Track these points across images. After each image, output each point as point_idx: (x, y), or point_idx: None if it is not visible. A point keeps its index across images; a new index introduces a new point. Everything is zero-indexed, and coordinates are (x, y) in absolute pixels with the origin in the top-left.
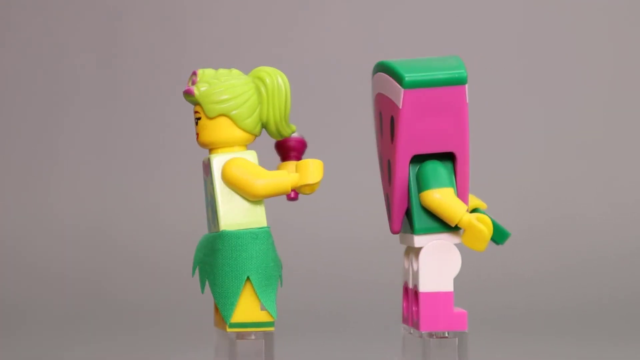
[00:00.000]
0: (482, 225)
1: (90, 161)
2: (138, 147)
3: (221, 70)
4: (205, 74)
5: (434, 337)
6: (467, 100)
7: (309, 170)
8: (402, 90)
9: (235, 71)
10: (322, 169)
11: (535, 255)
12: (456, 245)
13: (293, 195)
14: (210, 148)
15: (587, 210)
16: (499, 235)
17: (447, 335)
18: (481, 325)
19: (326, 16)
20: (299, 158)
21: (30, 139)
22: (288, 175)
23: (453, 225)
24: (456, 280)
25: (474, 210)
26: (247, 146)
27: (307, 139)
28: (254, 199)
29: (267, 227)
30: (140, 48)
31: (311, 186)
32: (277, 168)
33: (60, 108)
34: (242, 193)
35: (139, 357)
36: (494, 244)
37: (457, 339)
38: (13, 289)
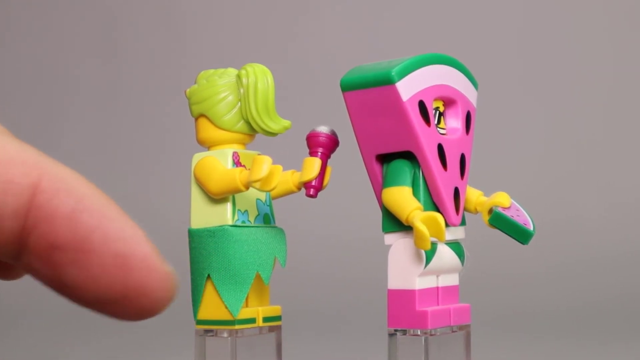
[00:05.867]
0: (421, 225)
1: (90, 160)
2: (138, 146)
3: (217, 71)
4: (201, 75)
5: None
6: (406, 99)
7: (254, 167)
8: (342, 93)
9: (229, 70)
10: (268, 165)
11: (535, 255)
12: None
13: (312, 192)
14: (206, 146)
15: (587, 211)
16: (520, 235)
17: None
18: (481, 324)
19: (329, 15)
20: (326, 155)
21: (30, 138)
22: (240, 173)
23: (405, 224)
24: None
25: (489, 211)
26: (247, 144)
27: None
28: (213, 196)
29: (228, 225)
30: (140, 49)
31: (260, 183)
32: (303, 163)
33: (60, 108)
34: (205, 191)
35: (139, 357)
36: (496, 243)
37: (463, 331)
38: (13, 289)
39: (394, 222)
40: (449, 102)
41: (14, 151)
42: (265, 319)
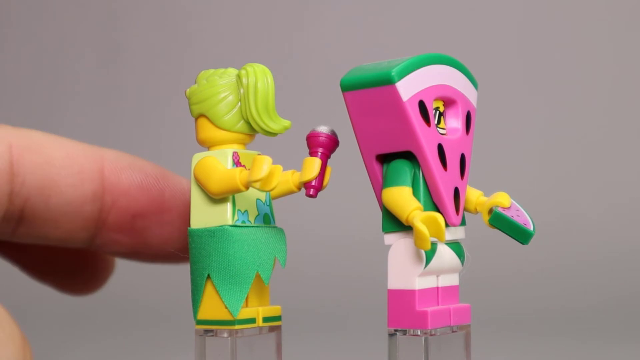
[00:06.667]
0: (421, 225)
1: None
2: (138, 146)
3: (217, 70)
4: (201, 75)
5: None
6: (406, 99)
7: (254, 167)
8: (342, 93)
9: (230, 70)
10: (268, 165)
11: (535, 255)
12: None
13: (312, 192)
14: (206, 146)
15: (587, 211)
16: (520, 235)
17: (418, 333)
18: (481, 324)
19: (330, 15)
20: (326, 155)
21: None
22: (240, 173)
23: (405, 224)
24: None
25: (490, 210)
26: (247, 144)
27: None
28: (213, 196)
29: (228, 225)
30: (140, 49)
31: (260, 183)
32: (303, 163)
33: (60, 108)
34: (205, 191)
35: (139, 357)
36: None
37: (464, 332)
38: (13, 289)
39: (394, 222)
40: (449, 102)
41: (73, 146)
42: (265, 319)
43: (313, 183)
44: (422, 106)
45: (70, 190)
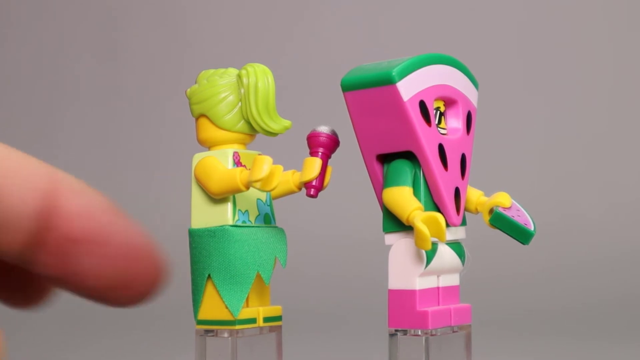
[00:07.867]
0: (422, 225)
1: (90, 161)
2: (139, 146)
3: (217, 70)
4: (201, 75)
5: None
6: (406, 99)
7: (254, 167)
8: (343, 93)
9: (230, 70)
10: (269, 165)
11: (535, 255)
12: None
13: (313, 192)
14: (206, 146)
15: (587, 211)
16: (521, 235)
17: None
18: (481, 324)
19: (330, 15)
20: (327, 155)
21: (30, 138)
22: (240, 173)
23: (405, 224)
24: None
25: (491, 210)
26: (247, 144)
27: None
28: (213, 196)
29: (229, 225)
30: (140, 49)
31: (261, 183)
32: (303, 163)
33: (60, 108)
34: (205, 191)
35: (139, 357)
36: (496, 243)
37: (464, 332)
38: None
39: (395, 222)
40: (449, 102)
41: (24, 160)
42: (266, 319)
43: (314, 183)
44: (422, 106)
45: (9, 199)
